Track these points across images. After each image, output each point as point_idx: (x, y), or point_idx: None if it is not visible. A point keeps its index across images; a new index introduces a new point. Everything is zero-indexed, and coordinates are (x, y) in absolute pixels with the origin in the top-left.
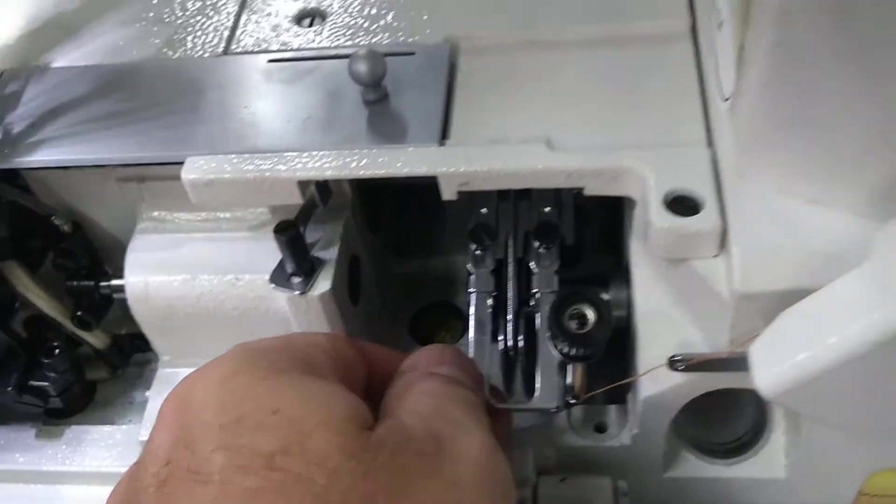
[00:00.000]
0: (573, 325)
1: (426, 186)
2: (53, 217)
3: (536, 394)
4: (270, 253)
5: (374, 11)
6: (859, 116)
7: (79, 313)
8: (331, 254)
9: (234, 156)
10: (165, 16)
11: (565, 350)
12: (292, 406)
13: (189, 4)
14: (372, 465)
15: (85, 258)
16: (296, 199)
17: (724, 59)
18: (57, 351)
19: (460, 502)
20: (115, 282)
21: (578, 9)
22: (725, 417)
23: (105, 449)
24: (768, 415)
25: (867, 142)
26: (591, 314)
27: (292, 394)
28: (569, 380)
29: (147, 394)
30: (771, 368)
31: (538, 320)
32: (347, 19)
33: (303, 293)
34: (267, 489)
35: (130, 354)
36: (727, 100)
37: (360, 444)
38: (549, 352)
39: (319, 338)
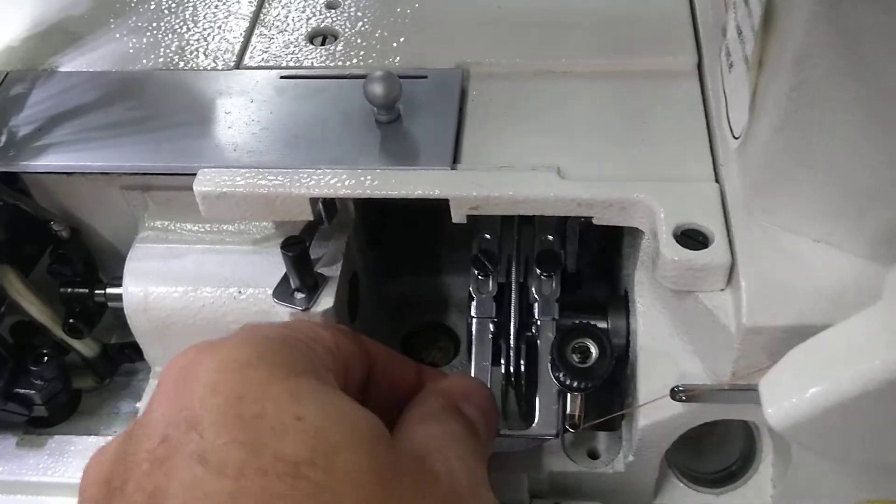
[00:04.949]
0: (576, 358)
1: (426, 208)
2: (52, 222)
3: (536, 420)
4: (273, 267)
5: (385, 34)
6: (869, 160)
7: (71, 320)
8: (333, 271)
9: (246, 170)
10: (176, 25)
11: (567, 381)
12: (316, 415)
13: (201, 15)
14: (396, 489)
15: (81, 265)
16: (306, 216)
17: (735, 99)
18: (46, 358)
19: None
20: (110, 290)
21: (587, 41)
22: (715, 447)
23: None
24: (756, 445)
25: (875, 186)
26: (593, 349)
27: (314, 403)
28: (567, 408)
29: (138, 405)
30: (782, 402)
31: (539, 345)
32: (359, 40)
33: (306, 309)
34: (291, 497)
35: (119, 364)
36: (737, 138)
37: (387, 465)
38: (549, 378)
39: (322, 333)
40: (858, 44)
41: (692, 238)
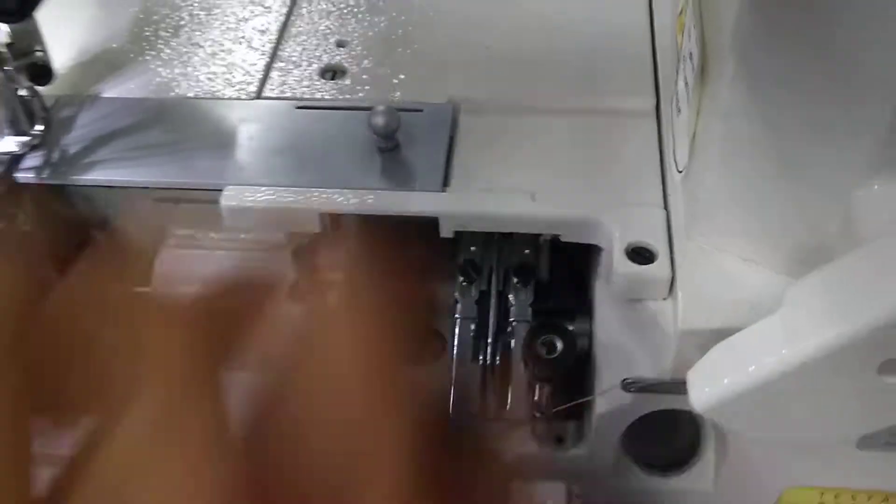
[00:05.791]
0: (543, 350)
1: (421, 224)
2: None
3: (507, 407)
4: None
5: (388, 71)
6: (782, 197)
7: None
8: None
9: (265, 188)
10: (205, 58)
11: (535, 371)
12: None
13: (227, 49)
14: None
15: None
16: (316, 229)
17: (680, 138)
18: None
19: None
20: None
21: (564, 82)
22: (666, 437)
23: None
24: (702, 434)
25: (787, 217)
26: (559, 343)
27: None
28: (536, 397)
29: None
30: (703, 389)
31: (513, 344)
32: (365, 76)
33: None
34: None
35: None
36: (681, 172)
37: None
38: (521, 372)
39: None
40: (772, 110)
41: (640, 255)
